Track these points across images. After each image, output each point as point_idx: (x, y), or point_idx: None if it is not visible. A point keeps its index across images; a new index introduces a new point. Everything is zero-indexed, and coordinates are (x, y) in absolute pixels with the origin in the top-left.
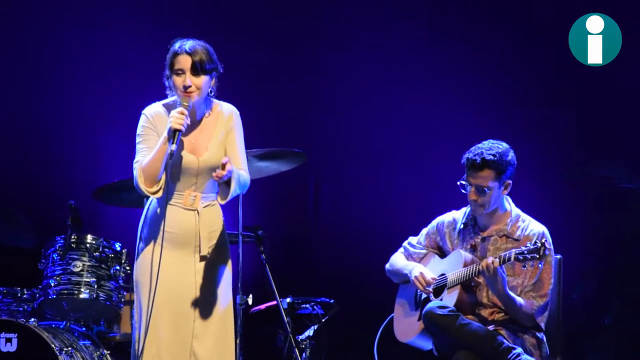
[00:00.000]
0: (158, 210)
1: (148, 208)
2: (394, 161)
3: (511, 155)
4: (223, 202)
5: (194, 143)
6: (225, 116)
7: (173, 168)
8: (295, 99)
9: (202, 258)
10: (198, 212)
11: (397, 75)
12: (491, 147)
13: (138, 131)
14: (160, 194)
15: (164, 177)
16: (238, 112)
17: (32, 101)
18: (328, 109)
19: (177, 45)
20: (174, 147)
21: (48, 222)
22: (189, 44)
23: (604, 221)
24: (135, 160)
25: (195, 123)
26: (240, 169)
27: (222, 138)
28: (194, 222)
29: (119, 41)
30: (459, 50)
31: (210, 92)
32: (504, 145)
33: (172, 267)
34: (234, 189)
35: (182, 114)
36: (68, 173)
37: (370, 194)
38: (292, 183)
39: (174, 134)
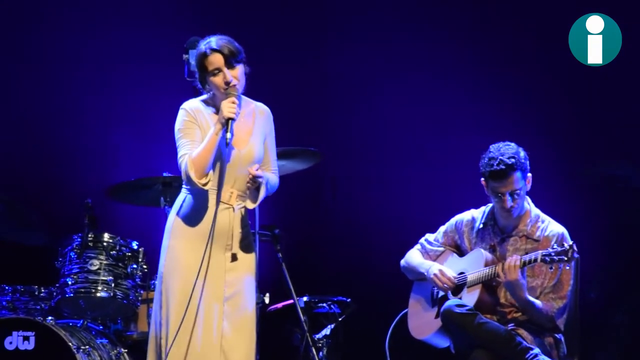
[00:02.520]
0: (195, 204)
1: (181, 205)
2: (409, 160)
3: (521, 149)
4: (252, 207)
5: (234, 136)
6: (264, 115)
7: (215, 162)
8: (310, 98)
9: (233, 257)
10: (234, 209)
11: (411, 74)
12: (503, 151)
13: (178, 126)
14: (209, 185)
15: (210, 171)
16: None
17: (47, 100)
18: (343, 107)
19: (202, 47)
20: (229, 135)
21: (63, 221)
22: (213, 41)
23: (619, 219)
24: (181, 155)
25: None
26: (271, 170)
27: (263, 136)
28: (228, 218)
29: (135, 39)
30: (460, 49)
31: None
32: (511, 144)
33: (203, 265)
34: (263, 195)
35: (234, 102)
36: (83, 171)
37: (385, 192)
38: (307, 182)
39: (227, 123)
